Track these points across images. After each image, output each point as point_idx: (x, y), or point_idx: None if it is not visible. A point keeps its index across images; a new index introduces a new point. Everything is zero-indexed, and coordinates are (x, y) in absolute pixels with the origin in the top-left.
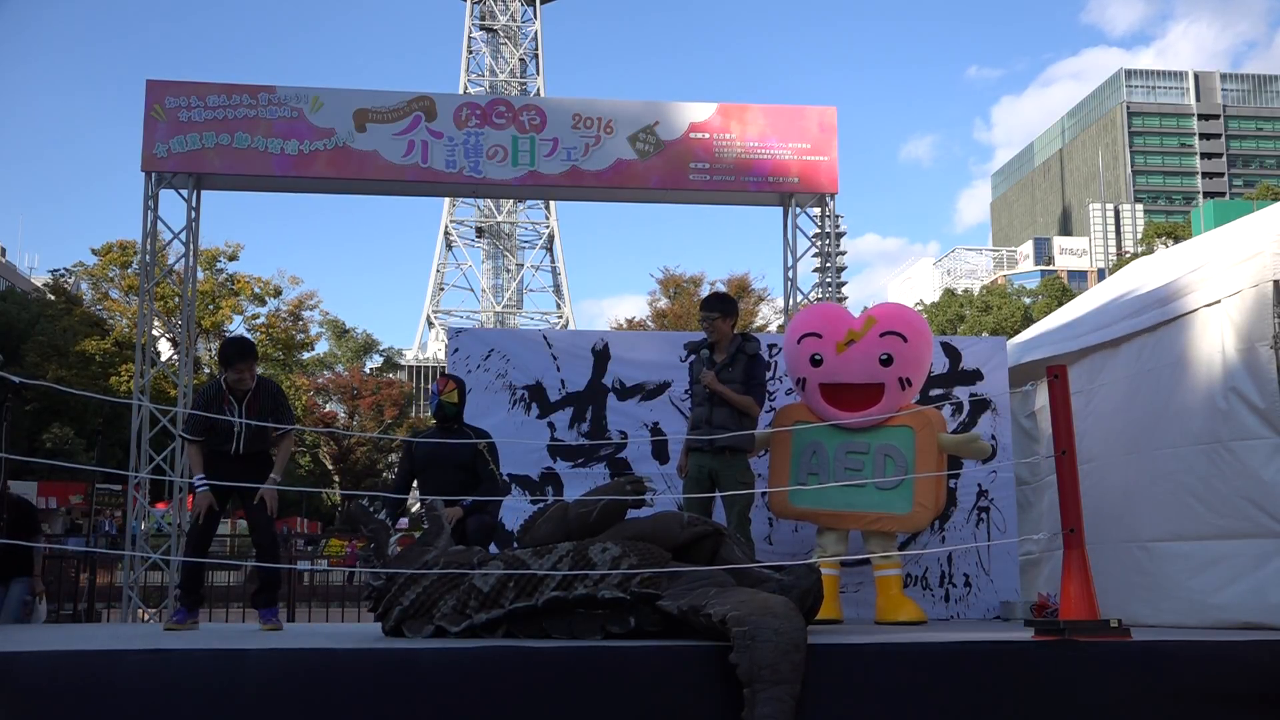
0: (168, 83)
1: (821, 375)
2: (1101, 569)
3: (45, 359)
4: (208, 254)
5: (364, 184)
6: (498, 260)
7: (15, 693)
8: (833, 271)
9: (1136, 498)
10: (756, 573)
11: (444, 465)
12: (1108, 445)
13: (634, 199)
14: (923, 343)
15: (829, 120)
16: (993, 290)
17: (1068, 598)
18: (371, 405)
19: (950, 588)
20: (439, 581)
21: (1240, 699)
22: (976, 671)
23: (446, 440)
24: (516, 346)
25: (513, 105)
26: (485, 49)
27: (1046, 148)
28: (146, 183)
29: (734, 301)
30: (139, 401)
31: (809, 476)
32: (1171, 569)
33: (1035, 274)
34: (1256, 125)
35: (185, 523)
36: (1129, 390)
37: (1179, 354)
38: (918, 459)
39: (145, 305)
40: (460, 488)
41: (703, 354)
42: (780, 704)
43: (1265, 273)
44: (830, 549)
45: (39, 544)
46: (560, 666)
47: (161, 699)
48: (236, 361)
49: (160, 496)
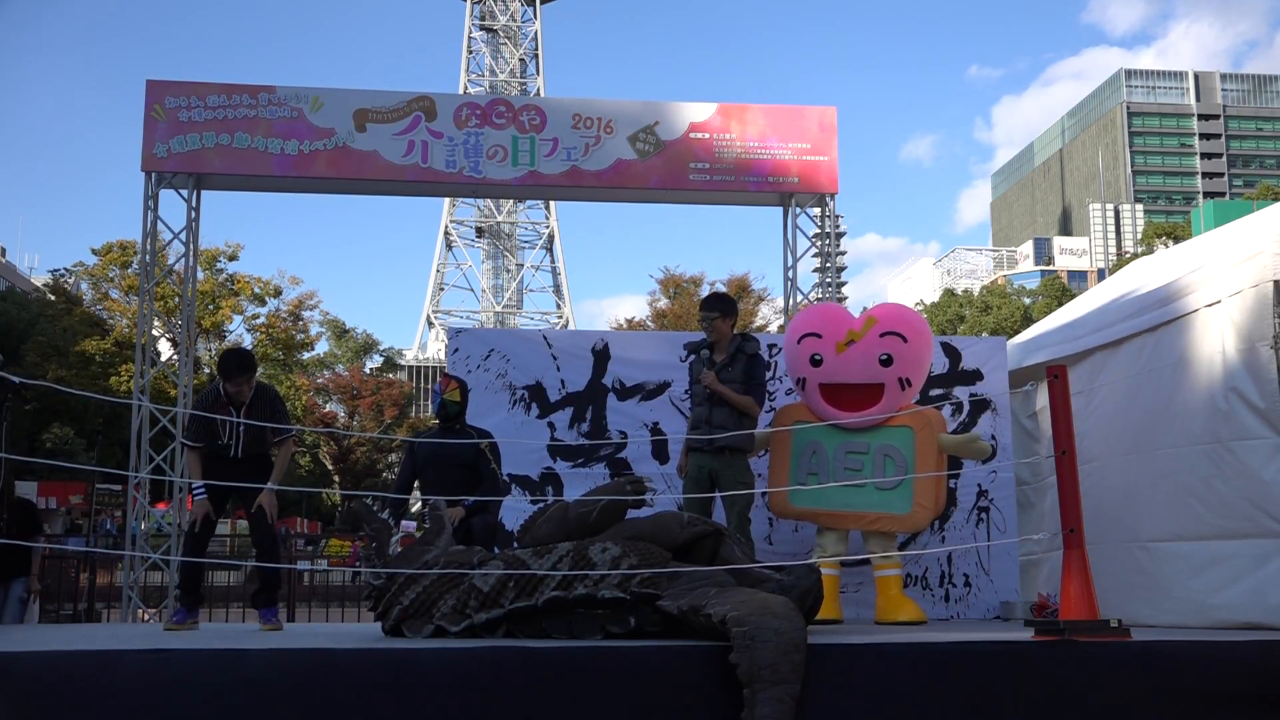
0: (168, 83)
1: (821, 375)
2: (1102, 569)
3: (45, 359)
4: (208, 254)
5: (364, 184)
6: (498, 260)
7: (15, 693)
8: (833, 271)
9: (1137, 498)
10: (756, 573)
11: (446, 464)
12: (1108, 445)
13: (634, 199)
14: (923, 343)
15: (829, 120)
16: (993, 290)
17: (1068, 598)
18: (371, 405)
19: (950, 588)
20: (439, 581)
21: (1240, 699)
22: (976, 671)
23: (448, 440)
24: (516, 346)
25: (513, 105)
26: (485, 49)
27: (1046, 148)
28: (146, 183)
29: (734, 301)
30: (139, 401)
31: (809, 476)
32: (1172, 569)
33: (1035, 274)
34: (1256, 125)
35: (185, 523)
36: (1129, 390)
37: (1179, 354)
38: (917, 459)
39: (145, 305)
40: (462, 486)
41: (703, 354)
42: (780, 704)
43: (1265, 273)
44: (830, 549)
45: (38, 544)
46: (560, 666)
47: (161, 699)
48: (235, 375)
49: (160, 496)
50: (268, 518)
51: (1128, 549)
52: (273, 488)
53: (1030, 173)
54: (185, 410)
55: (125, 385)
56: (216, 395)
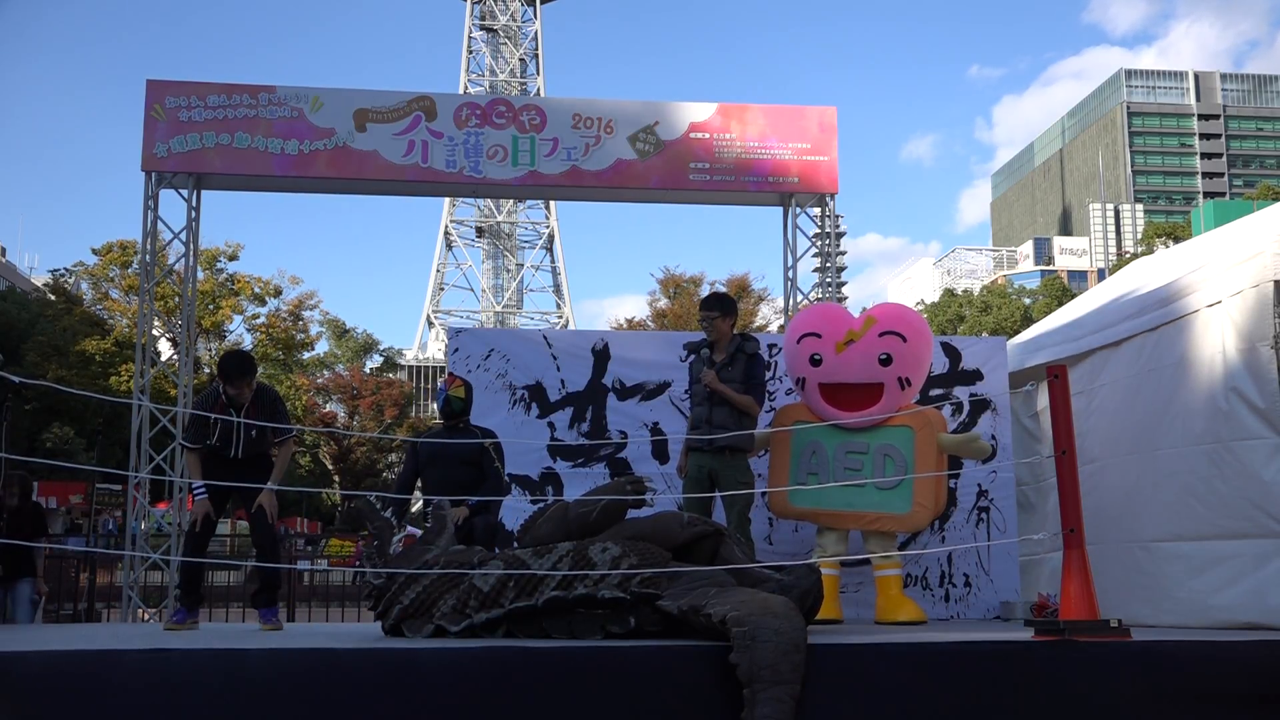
0: (168, 83)
1: (821, 375)
2: (1102, 569)
3: (45, 359)
4: (208, 254)
5: (364, 184)
6: (498, 260)
7: (15, 693)
8: (833, 271)
9: (1137, 498)
10: (756, 573)
11: (450, 462)
12: (1108, 446)
13: (634, 199)
14: (922, 343)
15: (829, 120)
16: (993, 290)
17: (1068, 598)
18: (371, 405)
19: (950, 588)
20: (439, 580)
21: (1240, 699)
22: (976, 671)
23: (451, 440)
24: (516, 346)
25: (513, 105)
26: (485, 49)
27: (1046, 148)
28: (146, 183)
29: (733, 301)
30: (139, 401)
31: (809, 476)
32: (1172, 569)
33: (1035, 274)
34: (1256, 125)
35: (185, 523)
36: (1130, 390)
37: (1179, 355)
38: (917, 459)
39: (145, 305)
40: (466, 484)
41: (703, 353)
42: (780, 704)
43: (1266, 273)
44: (830, 549)
45: (40, 544)
46: (560, 666)
47: (161, 699)
48: (236, 378)
49: (160, 496)
50: (268, 517)
51: (1129, 549)
52: (273, 488)
53: (1030, 173)
54: (185, 410)
55: (125, 385)
56: (216, 396)
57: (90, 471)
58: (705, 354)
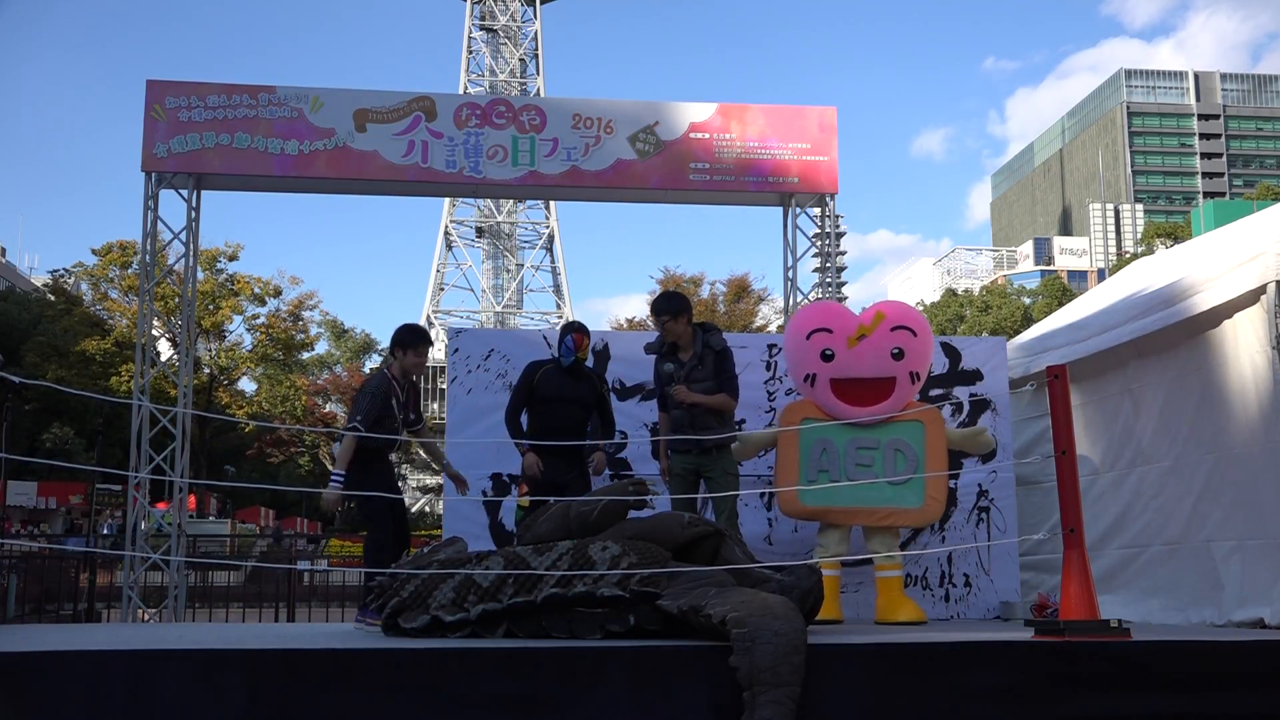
0: (168, 83)
1: (833, 370)
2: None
3: (45, 359)
4: (208, 254)
5: (364, 184)
6: (498, 260)
7: (15, 693)
8: (833, 271)
9: (1135, 503)
10: (757, 573)
11: (572, 402)
12: (1109, 453)
13: (634, 199)
14: (928, 339)
15: (829, 120)
16: (993, 290)
17: (1068, 598)
18: None
19: (950, 588)
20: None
21: (1240, 699)
22: (976, 671)
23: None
24: (516, 346)
25: (513, 105)
26: (485, 49)
27: (1046, 148)
28: (146, 183)
29: (681, 298)
30: (139, 401)
31: (819, 474)
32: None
33: (1035, 274)
34: (1256, 125)
35: (185, 523)
36: (1133, 393)
37: (1181, 356)
38: (928, 453)
39: (145, 305)
40: (580, 427)
41: (667, 368)
42: (780, 707)
43: (1267, 273)
44: (832, 549)
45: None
46: (560, 666)
47: (162, 698)
48: (420, 344)
49: (160, 496)
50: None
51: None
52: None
53: (1030, 173)
54: (185, 410)
55: (125, 385)
56: (387, 384)
57: (90, 471)
58: (670, 368)
